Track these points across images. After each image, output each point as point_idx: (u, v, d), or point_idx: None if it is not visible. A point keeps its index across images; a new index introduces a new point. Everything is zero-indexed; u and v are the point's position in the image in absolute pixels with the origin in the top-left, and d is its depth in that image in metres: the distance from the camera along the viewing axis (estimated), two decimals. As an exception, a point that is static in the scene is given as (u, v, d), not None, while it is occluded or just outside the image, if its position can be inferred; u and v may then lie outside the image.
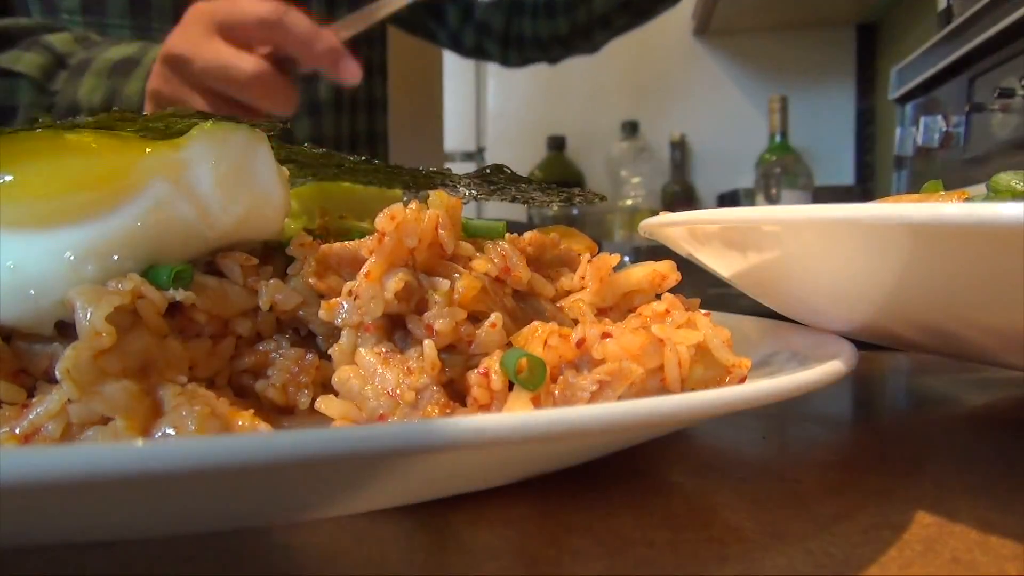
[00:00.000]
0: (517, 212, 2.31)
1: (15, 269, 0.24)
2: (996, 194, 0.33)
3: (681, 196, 2.21)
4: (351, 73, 0.74)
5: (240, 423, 0.23)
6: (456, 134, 2.26)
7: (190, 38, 0.74)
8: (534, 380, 0.25)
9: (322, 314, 0.27)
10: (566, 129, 2.22)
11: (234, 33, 0.72)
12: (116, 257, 0.25)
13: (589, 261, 0.31)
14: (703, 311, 0.29)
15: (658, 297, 0.30)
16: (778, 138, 2.02)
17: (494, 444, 0.18)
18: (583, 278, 0.30)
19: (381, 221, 0.27)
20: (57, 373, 0.22)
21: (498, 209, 2.30)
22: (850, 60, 2.12)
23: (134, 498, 0.17)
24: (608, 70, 2.14)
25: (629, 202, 2.20)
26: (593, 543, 0.20)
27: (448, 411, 0.25)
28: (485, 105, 2.25)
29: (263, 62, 0.72)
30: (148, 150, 0.27)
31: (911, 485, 0.25)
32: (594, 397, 0.25)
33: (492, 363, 0.25)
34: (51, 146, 0.27)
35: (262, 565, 0.20)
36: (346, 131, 1.03)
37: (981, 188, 0.36)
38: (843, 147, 2.15)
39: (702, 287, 0.33)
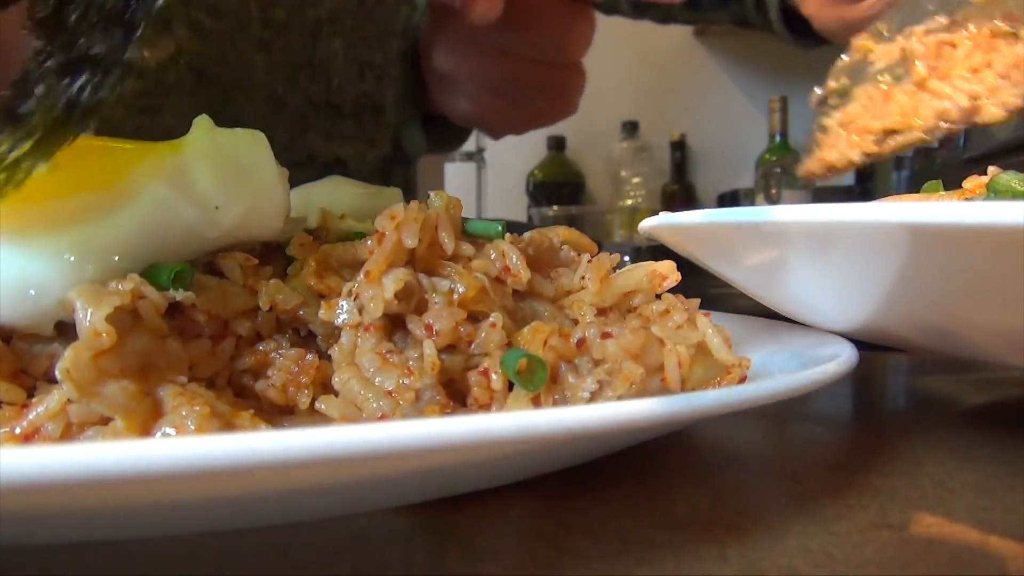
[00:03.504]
0: (517, 212, 2.31)
1: (15, 269, 0.24)
2: (996, 194, 0.33)
3: (681, 196, 2.21)
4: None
5: (240, 423, 0.23)
6: (456, 134, 2.27)
7: None
8: (534, 380, 0.25)
9: (322, 314, 0.27)
10: (566, 129, 2.22)
11: None
12: (116, 258, 0.25)
13: (589, 261, 0.31)
14: (703, 311, 0.29)
15: (658, 297, 0.30)
16: (778, 138, 2.02)
17: (494, 444, 0.18)
18: (583, 278, 0.30)
19: (381, 221, 0.27)
20: (57, 373, 0.22)
21: (498, 209, 2.30)
22: (850, 60, 2.12)
23: (134, 498, 0.17)
24: (608, 70, 2.14)
25: (629, 202, 2.20)
26: (593, 543, 0.20)
27: (448, 411, 0.25)
28: (485, 105, 2.25)
29: None
30: (148, 151, 0.27)
31: (911, 485, 0.25)
32: (594, 397, 0.25)
33: (492, 363, 0.25)
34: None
35: (262, 565, 0.20)
36: None
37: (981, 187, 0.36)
38: (843, 147, 2.15)
39: (702, 287, 0.33)
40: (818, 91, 0.46)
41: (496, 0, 0.54)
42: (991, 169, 0.36)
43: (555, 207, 2.14)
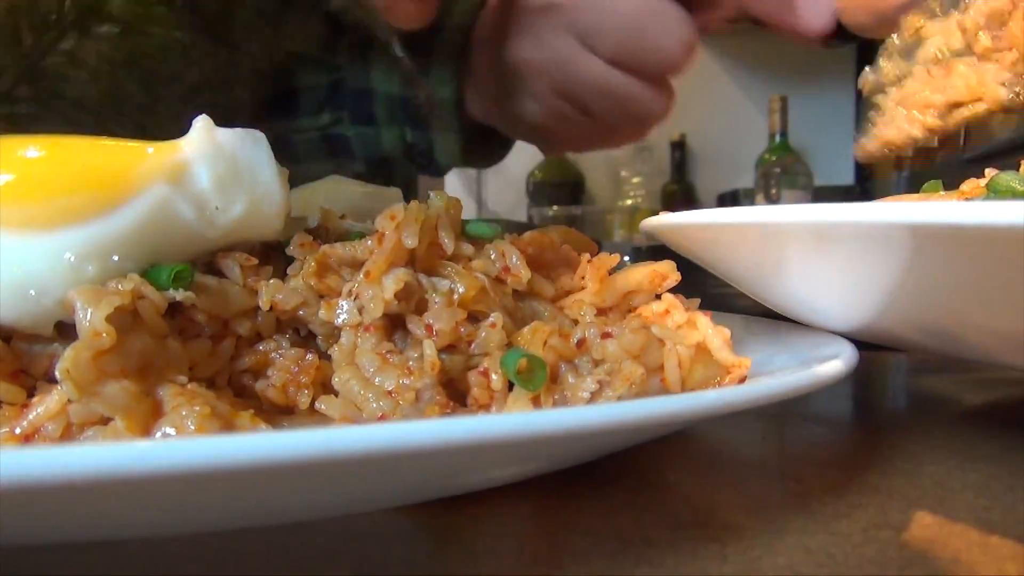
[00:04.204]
0: (517, 212, 2.31)
1: (15, 269, 0.24)
2: (996, 194, 0.33)
3: (681, 196, 2.21)
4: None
5: (240, 423, 0.23)
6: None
7: None
8: (534, 380, 0.25)
9: (322, 314, 0.27)
10: (566, 129, 2.22)
11: None
12: (116, 257, 0.25)
13: (589, 261, 0.31)
14: (703, 311, 0.29)
15: (658, 297, 0.30)
16: (778, 138, 2.02)
17: (494, 444, 0.18)
18: (583, 278, 0.30)
19: (381, 221, 0.27)
20: (57, 373, 0.22)
21: (498, 209, 2.30)
22: (850, 60, 2.12)
23: (134, 498, 0.17)
24: (608, 70, 2.13)
25: (629, 202, 2.20)
26: (593, 543, 0.20)
27: (448, 411, 0.25)
28: (485, 105, 2.25)
29: None
30: (148, 151, 0.27)
31: (911, 485, 0.25)
32: (594, 397, 0.25)
33: (492, 363, 0.25)
34: (51, 147, 0.27)
35: (262, 565, 0.20)
36: None
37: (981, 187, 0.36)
38: (843, 147, 2.15)
39: (702, 287, 0.33)
40: (870, 74, 0.43)
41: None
42: (988, 171, 0.36)
43: (555, 207, 2.14)
